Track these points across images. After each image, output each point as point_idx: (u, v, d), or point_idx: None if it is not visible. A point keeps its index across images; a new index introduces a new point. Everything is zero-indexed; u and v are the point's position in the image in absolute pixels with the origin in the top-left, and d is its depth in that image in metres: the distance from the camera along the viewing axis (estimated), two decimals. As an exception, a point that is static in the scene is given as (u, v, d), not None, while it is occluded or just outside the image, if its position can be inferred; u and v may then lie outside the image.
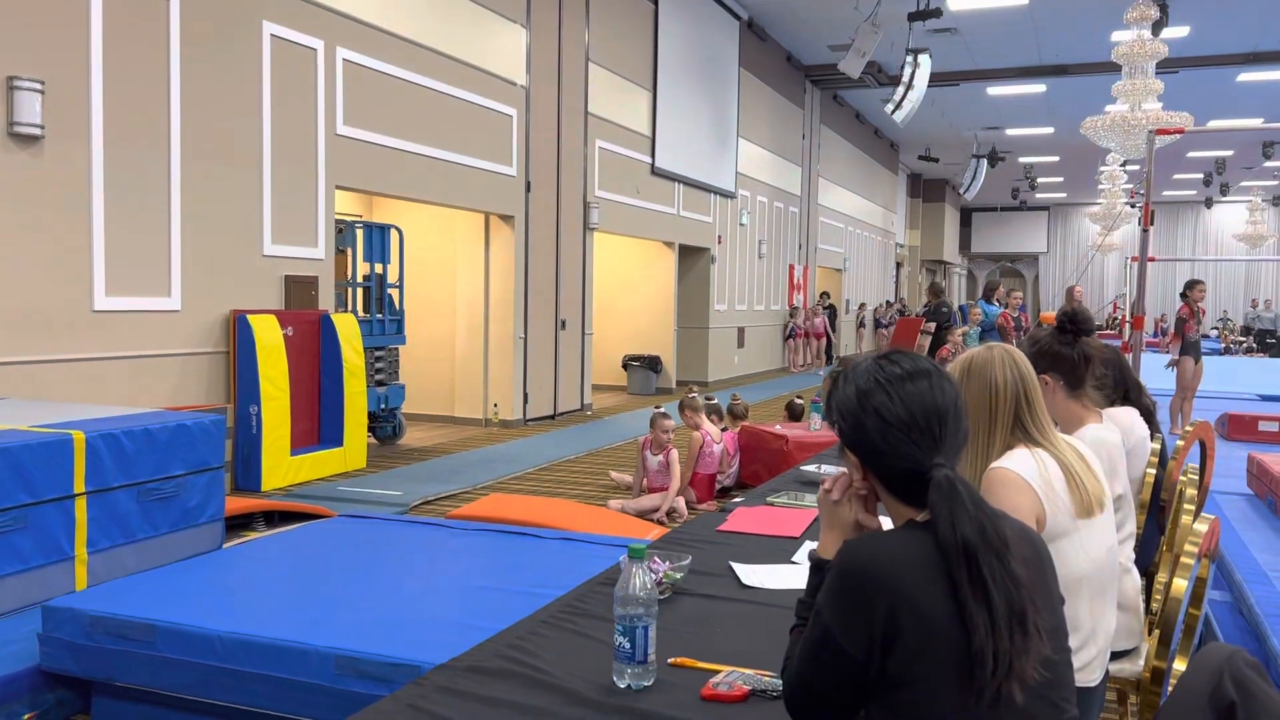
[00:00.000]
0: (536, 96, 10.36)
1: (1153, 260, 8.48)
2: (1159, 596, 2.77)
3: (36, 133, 5.49)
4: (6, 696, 3.00)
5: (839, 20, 15.06)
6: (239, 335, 6.77)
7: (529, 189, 10.33)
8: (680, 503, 6.32)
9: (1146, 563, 3.22)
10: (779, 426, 7.41)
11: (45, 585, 3.79)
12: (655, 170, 13.20)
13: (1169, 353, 10.37)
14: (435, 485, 6.95)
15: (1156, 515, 3.32)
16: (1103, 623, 2.00)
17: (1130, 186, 24.69)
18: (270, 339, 6.82)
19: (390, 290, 8.68)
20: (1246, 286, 33.67)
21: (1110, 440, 2.52)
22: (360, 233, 8.39)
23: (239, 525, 5.45)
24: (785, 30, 16.58)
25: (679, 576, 2.46)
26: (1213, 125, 19.28)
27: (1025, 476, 1.92)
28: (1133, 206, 22.58)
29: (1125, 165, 21.23)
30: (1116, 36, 14.40)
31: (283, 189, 7.26)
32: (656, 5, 12.94)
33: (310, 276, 7.58)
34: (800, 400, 8.03)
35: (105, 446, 4.01)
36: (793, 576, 2.60)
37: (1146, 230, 8.07)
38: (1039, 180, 29.71)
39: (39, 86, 5.47)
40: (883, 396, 1.39)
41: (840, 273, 22.96)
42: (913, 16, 12.51)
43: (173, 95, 6.36)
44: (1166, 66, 14.74)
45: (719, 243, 15.60)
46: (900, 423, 1.37)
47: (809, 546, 2.94)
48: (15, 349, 5.51)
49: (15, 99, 5.38)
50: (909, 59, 13.27)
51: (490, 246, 10.25)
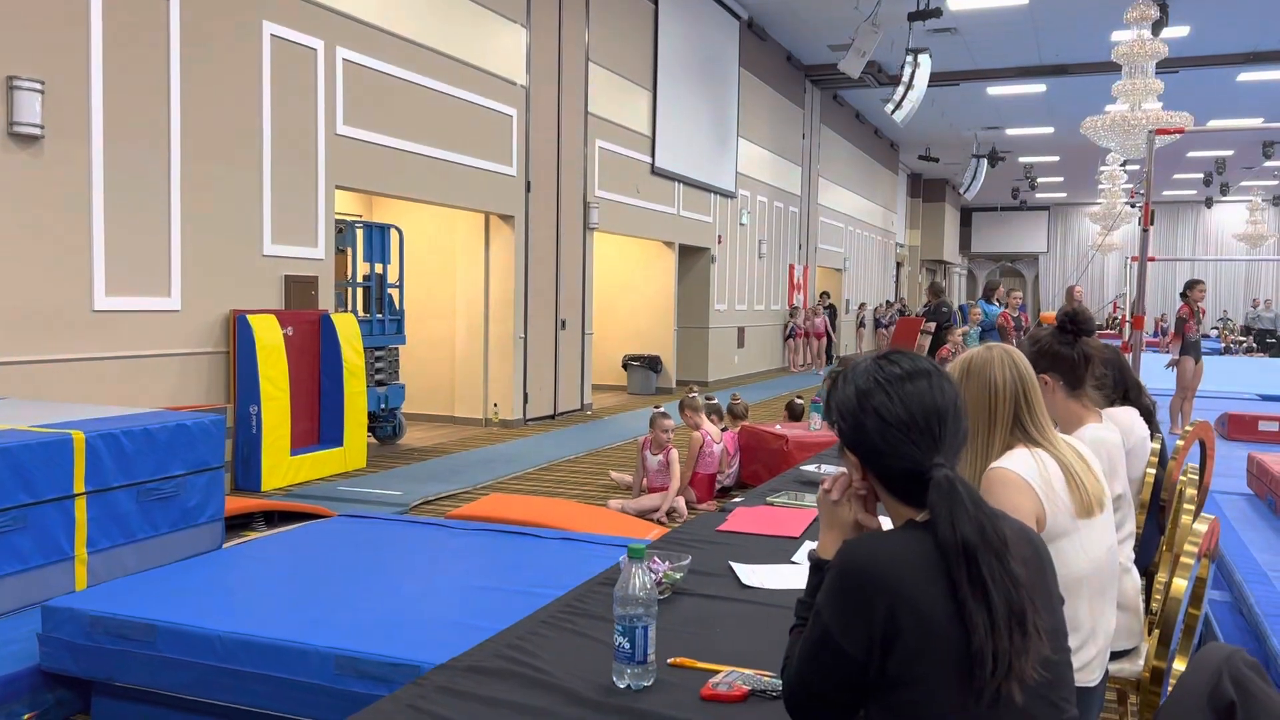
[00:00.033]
0: (536, 96, 10.36)
1: (1153, 260, 8.48)
2: (1159, 596, 2.77)
3: (36, 133, 5.50)
4: (6, 696, 3.00)
5: (839, 20, 15.06)
6: (239, 335, 6.77)
7: (529, 189, 10.33)
8: (680, 503, 6.32)
9: (1146, 563, 3.22)
10: (779, 426, 7.41)
11: (45, 585, 3.79)
12: (655, 170, 13.20)
13: (1169, 352, 10.38)
14: (435, 485, 6.95)
15: (1156, 515, 3.32)
16: (1102, 623, 2.00)
17: (1130, 186, 24.69)
18: (270, 339, 6.82)
19: (390, 290, 8.68)
20: (1246, 286, 33.67)
21: (1110, 440, 2.52)
22: (360, 233, 8.40)
23: (239, 525, 5.45)
24: (785, 30, 16.58)
25: (679, 576, 2.46)
26: (1213, 125, 19.29)
27: (1025, 476, 1.92)
28: (1133, 206, 22.58)
29: (1125, 165, 21.24)
30: (1116, 36, 14.41)
31: (283, 189, 7.26)
32: (656, 5, 12.94)
33: (310, 276, 7.59)
34: (800, 400, 8.03)
35: (105, 446, 4.01)
36: (792, 576, 2.60)
37: (1146, 230, 8.07)
38: (1039, 180, 29.71)
39: (39, 86, 5.48)
40: (882, 396, 1.39)
41: (840, 272, 22.96)
42: (913, 16, 12.50)
43: (173, 95, 6.36)
44: (1166, 66, 14.74)
45: (719, 242, 15.60)
46: (900, 423, 1.37)
47: (809, 546, 2.94)
48: (15, 349, 5.51)
49: (15, 99, 5.38)
50: (909, 59, 13.27)
51: (490, 246, 10.25)
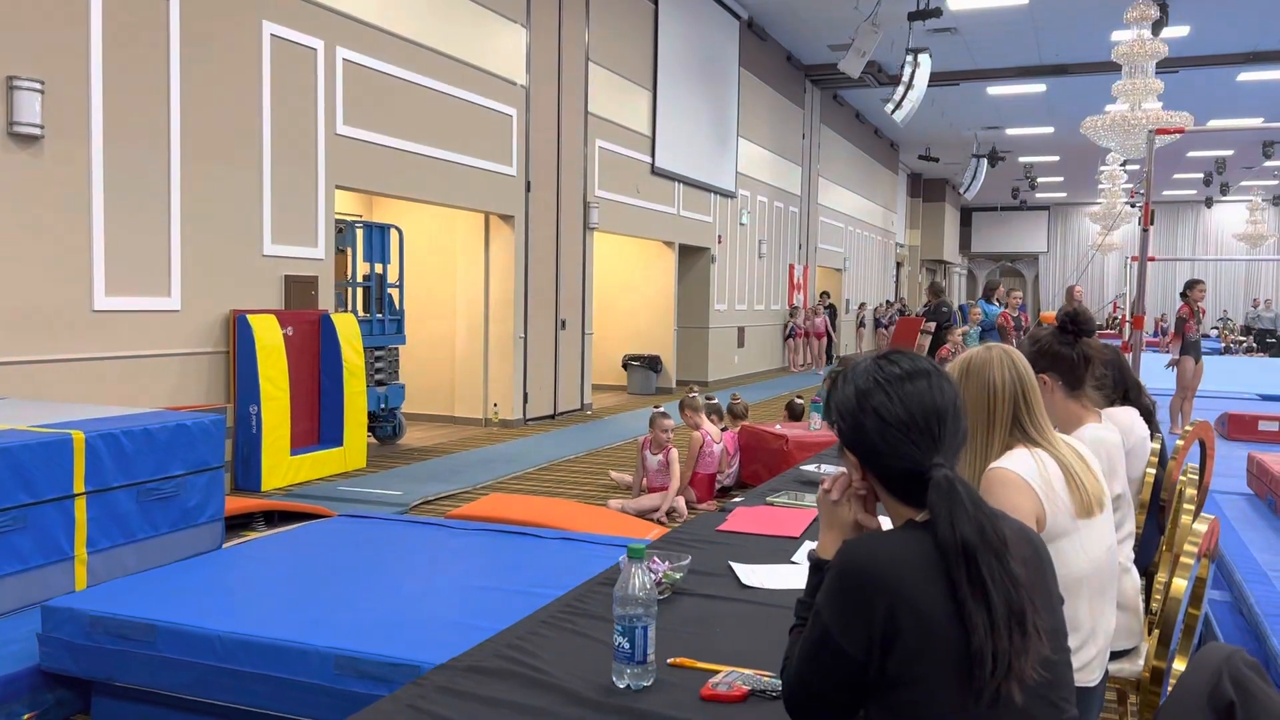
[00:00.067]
0: (536, 96, 10.36)
1: (1153, 260, 8.48)
2: (1159, 596, 2.77)
3: (36, 133, 5.50)
4: (6, 696, 3.00)
5: (839, 20, 15.06)
6: (239, 335, 6.77)
7: (529, 189, 10.33)
8: (680, 502, 6.32)
9: (1146, 563, 3.22)
10: (779, 426, 7.41)
11: (45, 585, 3.79)
12: (655, 170, 13.20)
13: (1169, 352, 10.38)
14: (435, 485, 6.95)
15: (1156, 515, 3.32)
16: (1102, 622, 2.00)
17: (1130, 186, 24.69)
18: (270, 339, 6.82)
19: (390, 290, 8.68)
20: (1247, 286, 33.67)
21: (1109, 440, 2.52)
22: (360, 233, 8.40)
23: (239, 525, 5.45)
24: (785, 30, 16.58)
25: (678, 576, 2.46)
26: (1213, 125, 19.30)
27: (1025, 476, 1.92)
28: (1133, 206, 22.58)
29: (1125, 165, 21.24)
30: (1116, 36, 14.41)
31: (283, 189, 7.26)
32: (656, 5, 12.94)
33: (310, 276, 7.58)
34: (800, 400, 8.03)
35: (105, 446, 4.01)
36: (792, 576, 2.60)
37: (1146, 230, 8.07)
38: (1039, 180, 29.71)
39: (39, 86, 5.48)
40: (882, 397, 1.39)
41: (840, 272, 22.96)
42: (913, 16, 12.50)
43: (173, 95, 6.36)
44: (1166, 66, 14.74)
45: (719, 242, 15.60)
46: (899, 423, 1.37)
47: (808, 546, 2.94)
48: (15, 349, 5.51)
49: (15, 99, 5.38)
50: (909, 59, 13.27)
51: (490, 246, 10.25)
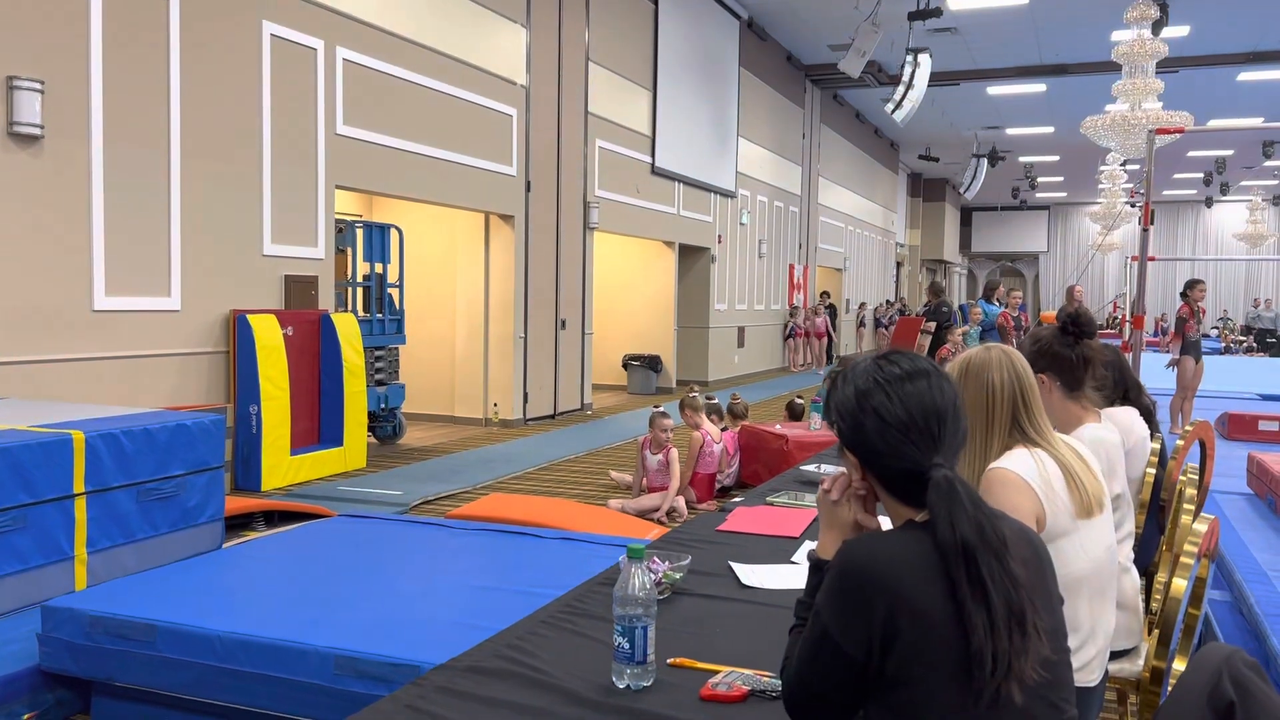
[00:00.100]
0: (536, 96, 10.36)
1: (1153, 260, 8.48)
2: (1159, 596, 2.77)
3: (36, 133, 5.50)
4: (6, 696, 3.00)
5: (839, 20, 15.06)
6: (239, 335, 6.77)
7: (529, 189, 10.33)
8: (680, 502, 6.32)
9: (1146, 562, 3.22)
10: (779, 426, 7.41)
11: (45, 585, 3.79)
12: (655, 170, 13.20)
13: (1169, 352, 10.38)
14: (435, 485, 6.95)
15: (1156, 515, 3.32)
16: (1102, 622, 2.00)
17: (1130, 186, 24.69)
18: (270, 339, 6.82)
19: (390, 290, 8.68)
20: (1247, 286, 33.67)
21: (1108, 440, 2.52)
22: (360, 232, 8.39)
23: (239, 525, 5.45)
24: (785, 30, 16.58)
25: (678, 576, 2.46)
26: (1213, 125, 19.30)
27: (1025, 476, 1.92)
28: (1133, 206, 22.59)
29: (1125, 165, 21.24)
30: (1116, 36, 14.41)
31: (283, 189, 7.26)
32: (656, 5, 12.94)
33: (310, 276, 7.58)
34: (800, 400, 8.03)
35: (105, 446, 4.01)
36: (792, 576, 2.60)
37: (1146, 230, 8.07)
38: (1039, 180, 29.71)
39: (39, 86, 5.47)
40: (881, 397, 1.39)
41: (840, 272, 22.96)
42: (913, 16, 12.50)
43: (173, 95, 6.36)
44: (1166, 66, 14.74)
45: (719, 242, 15.60)
46: (899, 423, 1.37)
47: (808, 546, 2.94)
48: (15, 349, 5.51)
49: (15, 99, 5.38)
50: (909, 58, 13.27)
51: (490, 246, 10.25)
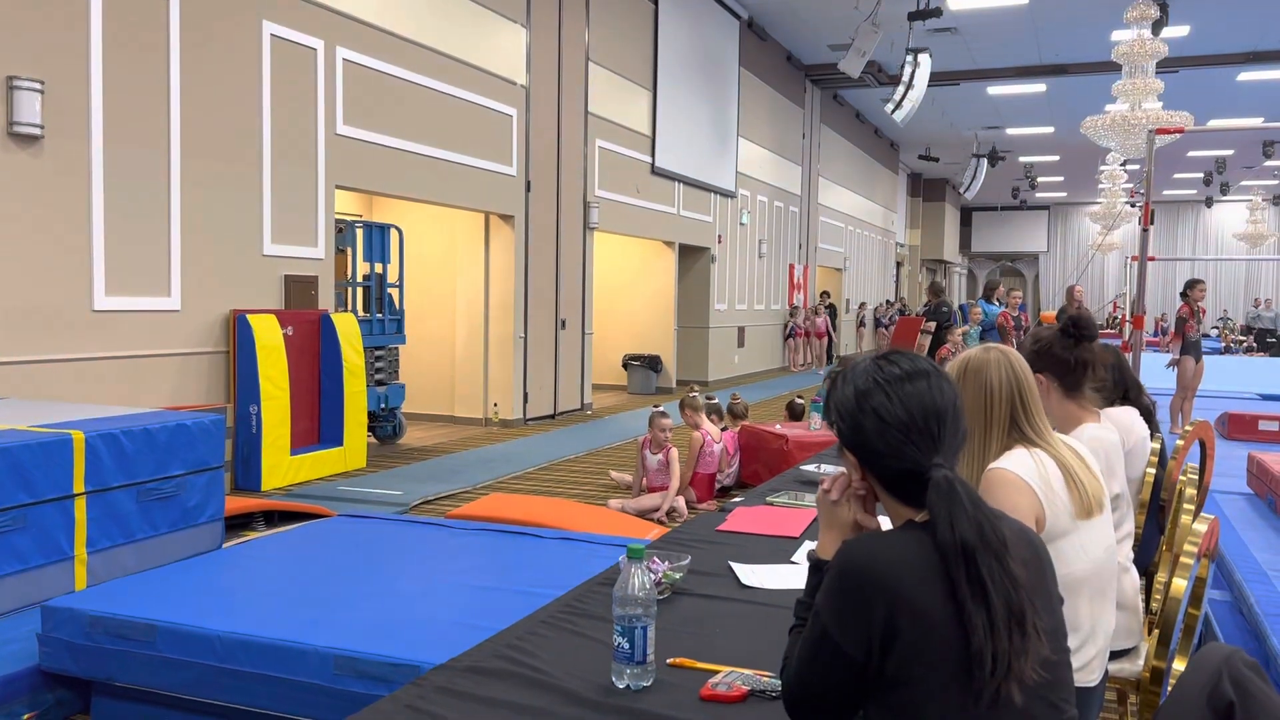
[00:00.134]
0: (536, 96, 10.36)
1: (1153, 260, 8.48)
2: (1159, 596, 2.77)
3: (36, 133, 5.50)
4: (6, 696, 3.00)
5: (839, 20, 15.06)
6: (239, 335, 6.77)
7: (529, 189, 10.33)
8: (680, 502, 6.32)
9: (1146, 562, 3.22)
10: (779, 426, 7.41)
11: (45, 585, 3.79)
12: (655, 170, 13.20)
13: (1169, 352, 10.38)
14: (435, 485, 6.95)
15: (1156, 515, 3.32)
16: (1102, 623, 2.00)
17: (1130, 186, 24.69)
18: (270, 339, 6.82)
19: (390, 290, 8.68)
20: (1247, 286, 33.67)
21: (1108, 440, 2.52)
22: (360, 232, 8.39)
23: (239, 525, 5.45)
24: (785, 30, 16.58)
25: (678, 576, 2.46)
26: (1213, 125, 19.27)
27: (1024, 477, 1.92)
28: (1133, 206, 22.59)
29: (1125, 165, 21.24)
30: (1116, 36, 14.41)
31: (283, 189, 7.26)
32: (656, 5, 12.94)
33: (310, 276, 7.58)
34: (800, 400, 8.03)
35: (105, 446, 4.01)
36: (792, 576, 2.60)
37: (1146, 230, 8.07)
38: (1039, 180, 29.71)
39: (39, 86, 5.47)
40: (881, 397, 1.39)
41: (840, 272, 22.96)
42: (913, 16, 12.50)
43: (173, 95, 6.36)
44: (1166, 66, 14.74)
45: (719, 242, 15.60)
46: (899, 423, 1.37)
47: (808, 546, 2.94)
48: (15, 349, 5.51)
49: (15, 99, 5.38)
50: (909, 58, 13.27)
51: (490, 246, 10.25)
